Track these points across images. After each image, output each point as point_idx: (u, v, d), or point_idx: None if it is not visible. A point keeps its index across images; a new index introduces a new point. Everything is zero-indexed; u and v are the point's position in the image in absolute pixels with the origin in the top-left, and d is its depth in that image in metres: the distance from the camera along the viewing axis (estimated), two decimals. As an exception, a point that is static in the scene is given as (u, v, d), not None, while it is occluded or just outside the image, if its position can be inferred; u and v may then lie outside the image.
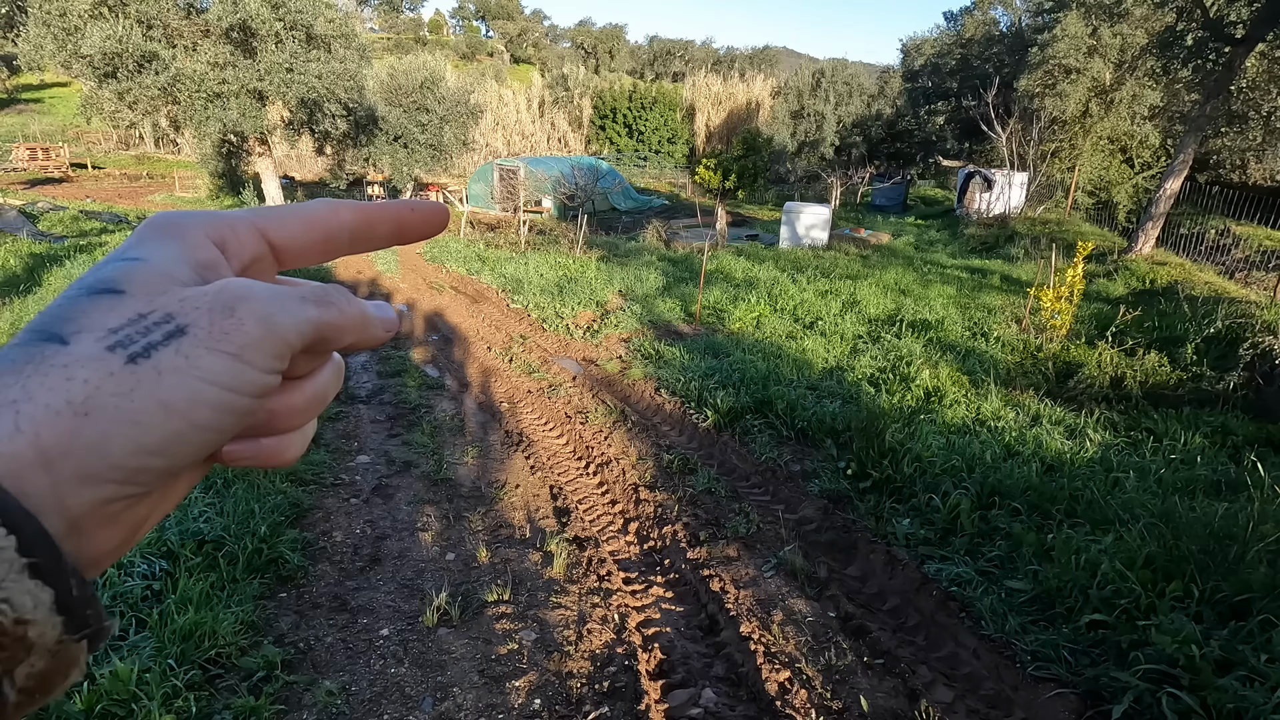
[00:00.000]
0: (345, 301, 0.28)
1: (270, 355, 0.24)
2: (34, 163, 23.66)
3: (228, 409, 0.24)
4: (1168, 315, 8.62)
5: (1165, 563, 3.29)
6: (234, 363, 0.24)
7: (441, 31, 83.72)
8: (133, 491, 0.23)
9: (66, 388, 0.21)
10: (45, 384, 0.21)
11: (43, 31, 13.94)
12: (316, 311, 0.26)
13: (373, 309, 0.29)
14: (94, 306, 0.23)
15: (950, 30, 31.60)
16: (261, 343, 0.24)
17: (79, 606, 0.20)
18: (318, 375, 0.29)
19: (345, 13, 17.42)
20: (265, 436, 0.27)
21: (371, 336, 0.29)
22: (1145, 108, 16.74)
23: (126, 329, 0.23)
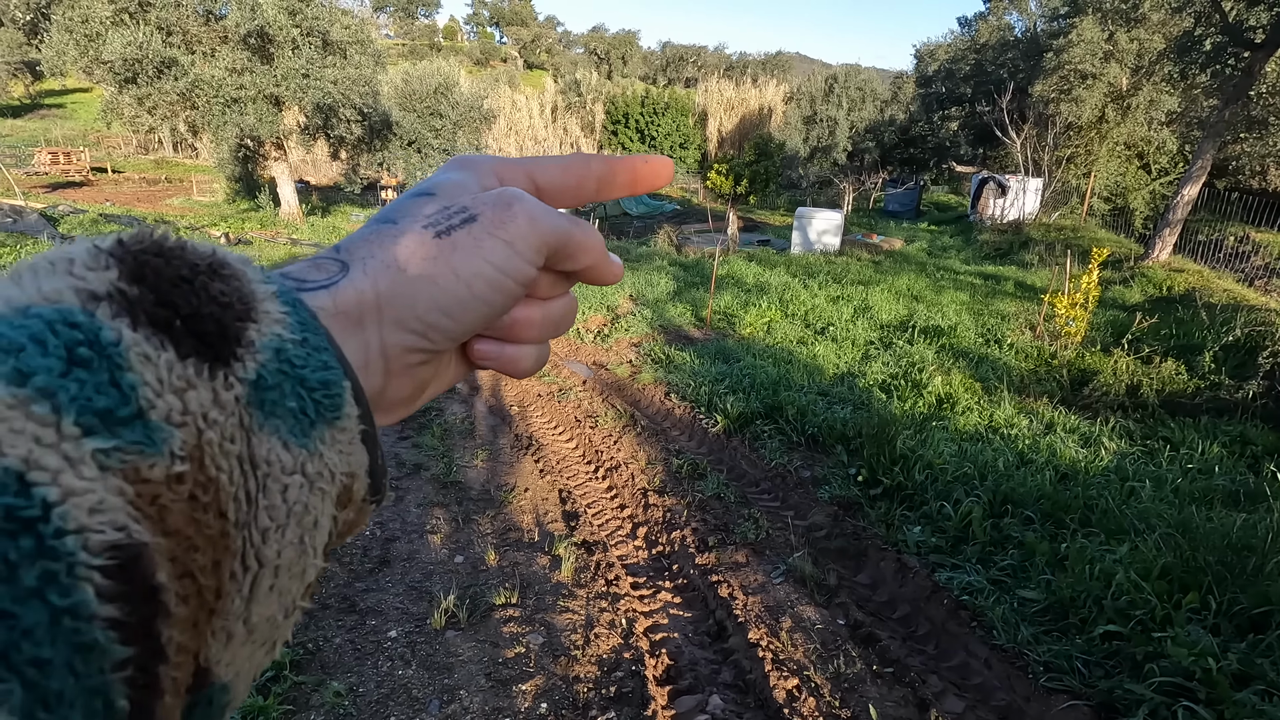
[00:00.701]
0: (592, 231, 0.34)
1: (532, 248, 0.30)
2: (55, 167, 24.06)
3: (497, 286, 0.30)
4: (1185, 323, 8.51)
5: (1182, 574, 3.23)
6: (506, 248, 0.30)
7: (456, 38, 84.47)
8: (427, 345, 0.29)
9: (395, 249, 0.28)
10: (382, 246, 0.29)
11: (65, 38, 14.19)
12: (569, 225, 0.32)
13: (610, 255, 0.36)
14: (415, 204, 0.31)
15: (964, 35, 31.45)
16: (528, 235, 0.30)
17: (379, 474, 0.26)
18: (556, 300, 0.35)
19: (361, 19, 17.62)
20: (509, 343, 0.33)
21: (607, 269, 0.35)
22: (1162, 113, 16.57)
23: (436, 215, 0.30)
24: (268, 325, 0.22)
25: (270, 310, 0.23)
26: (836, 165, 26.88)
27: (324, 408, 0.23)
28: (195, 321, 0.21)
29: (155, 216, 16.29)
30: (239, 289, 0.22)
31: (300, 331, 0.23)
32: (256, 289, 0.23)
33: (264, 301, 0.23)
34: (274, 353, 0.22)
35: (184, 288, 0.21)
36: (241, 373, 0.21)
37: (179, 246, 0.22)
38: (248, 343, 0.22)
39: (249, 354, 0.22)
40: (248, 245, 13.73)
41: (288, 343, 0.23)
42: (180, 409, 0.19)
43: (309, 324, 0.24)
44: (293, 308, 0.24)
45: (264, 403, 0.21)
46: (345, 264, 0.28)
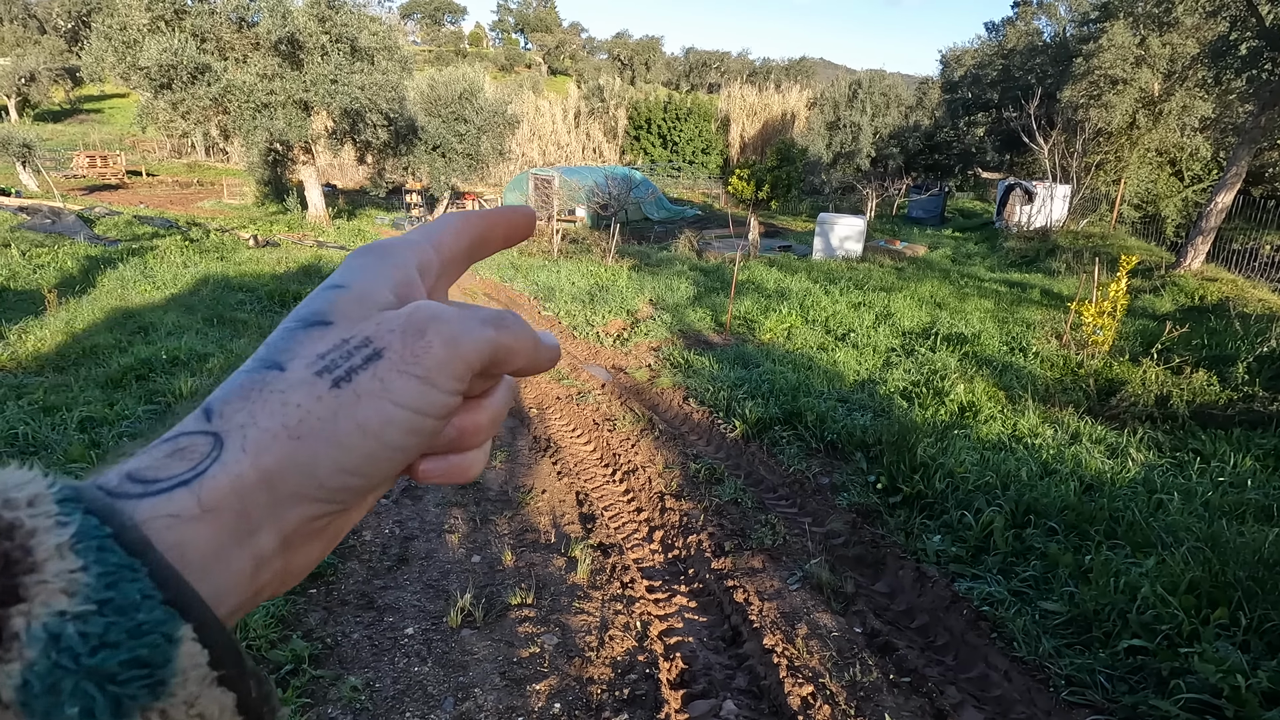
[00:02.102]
0: (519, 325, 0.29)
1: (453, 377, 0.26)
2: (93, 170, 24.74)
3: (415, 430, 0.25)
4: (1218, 333, 8.31)
5: (1210, 588, 3.15)
6: (422, 385, 0.25)
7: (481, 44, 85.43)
8: (335, 509, 0.25)
9: (283, 413, 0.24)
10: (266, 409, 0.24)
11: (104, 45, 14.61)
12: (495, 333, 0.28)
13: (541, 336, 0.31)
14: (307, 336, 0.26)
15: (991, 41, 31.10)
16: (446, 364, 0.26)
17: (257, 705, 0.22)
18: (495, 394, 0.31)
19: (389, 26, 17.90)
20: (453, 454, 0.29)
21: (540, 361, 0.30)
22: (1196, 119, 16.24)
23: (332, 354, 0.25)
24: (42, 603, 0.18)
25: (49, 577, 0.18)
26: (860, 171, 26.69)
27: (128, 699, 0.18)
28: None
29: (187, 218, 16.67)
30: (6, 554, 0.18)
31: (101, 591, 0.19)
32: (37, 545, 0.18)
33: (44, 565, 0.18)
34: (46, 644, 0.18)
35: None
36: (3, 677, 0.17)
37: None
38: (10, 638, 0.17)
39: (10, 654, 0.17)
40: (275, 247, 13.98)
41: (70, 621, 0.18)
42: None
43: (119, 571, 0.19)
44: (98, 554, 0.19)
45: (35, 711, 0.17)
46: (218, 438, 0.23)
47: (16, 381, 5.55)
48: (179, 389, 5.43)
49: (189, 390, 5.43)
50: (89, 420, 4.85)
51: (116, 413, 5.01)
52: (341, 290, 0.27)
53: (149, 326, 7.32)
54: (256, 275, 10.61)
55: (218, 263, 11.37)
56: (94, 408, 5.01)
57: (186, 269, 10.61)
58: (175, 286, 9.39)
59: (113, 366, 5.93)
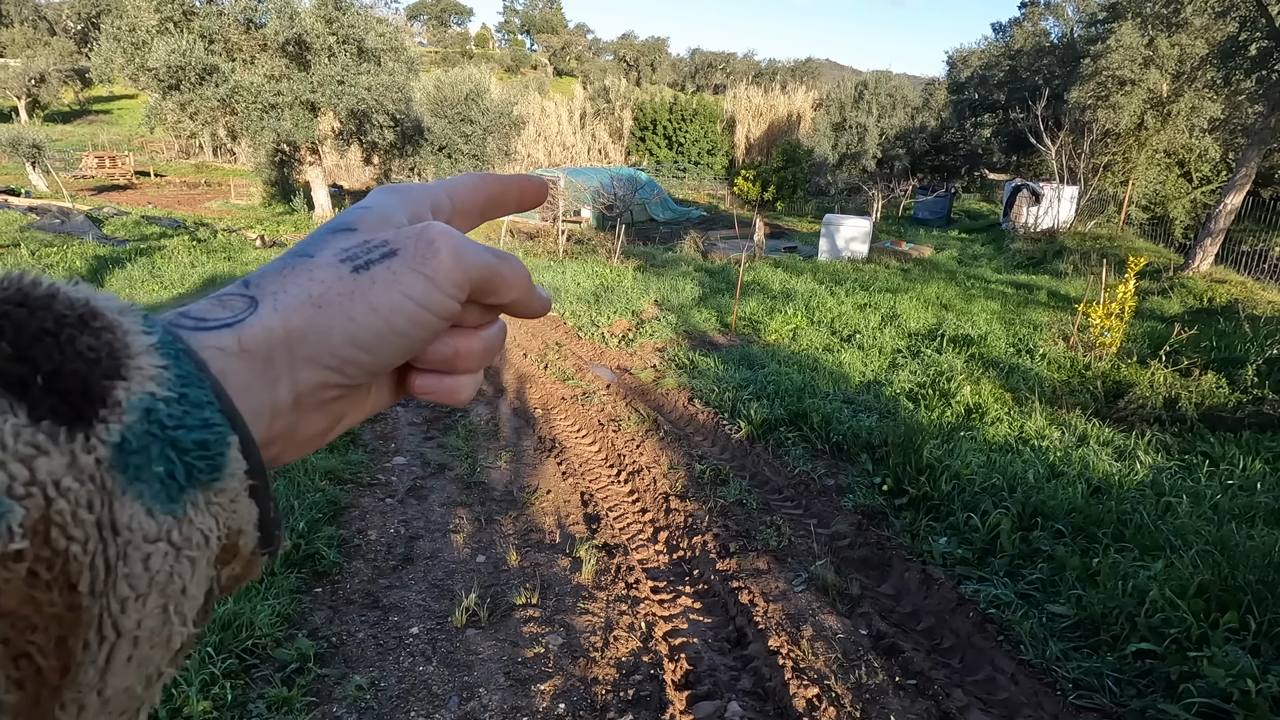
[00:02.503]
0: (517, 263, 0.33)
1: (454, 283, 0.30)
2: (101, 170, 24.90)
3: (417, 321, 0.29)
4: (1227, 335, 8.26)
5: (1220, 592, 3.13)
6: (427, 283, 0.29)
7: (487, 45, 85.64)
8: (342, 380, 0.28)
9: (309, 285, 0.28)
10: (295, 280, 0.28)
11: (113, 46, 14.70)
12: (495, 260, 0.31)
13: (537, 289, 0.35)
14: (334, 237, 0.30)
15: (998, 42, 31.00)
16: (450, 270, 0.29)
17: (271, 526, 0.25)
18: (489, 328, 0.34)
19: (395, 27, 17.96)
20: (447, 375, 0.33)
21: (532, 302, 0.34)
22: (1205, 120, 16.15)
23: (354, 249, 0.29)
24: (139, 383, 0.21)
25: (144, 366, 0.21)
26: (865, 172, 26.65)
27: (197, 470, 0.22)
28: (56, 380, 0.19)
29: (194, 219, 16.75)
30: (110, 343, 0.21)
31: (179, 387, 0.22)
32: (132, 342, 0.22)
33: (138, 356, 0.22)
34: (143, 413, 0.21)
35: (46, 342, 0.20)
36: (104, 435, 0.20)
37: (47, 295, 0.21)
38: (113, 403, 0.20)
39: (113, 415, 0.20)
40: (282, 247, 14.04)
41: (160, 401, 0.21)
42: (26, 478, 0.18)
43: (190, 377, 0.23)
44: (175, 359, 0.22)
45: (128, 467, 0.20)
46: (254, 300, 0.27)
47: (25, 380, 5.58)
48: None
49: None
50: (97, 419, 4.87)
51: (124, 411, 5.03)
52: (366, 210, 0.32)
53: (156, 326, 7.35)
54: (263, 275, 10.65)
55: (225, 263, 11.42)
56: (102, 406, 5.03)
57: (194, 269, 10.66)
58: (183, 286, 9.43)
59: (120, 365, 5.96)
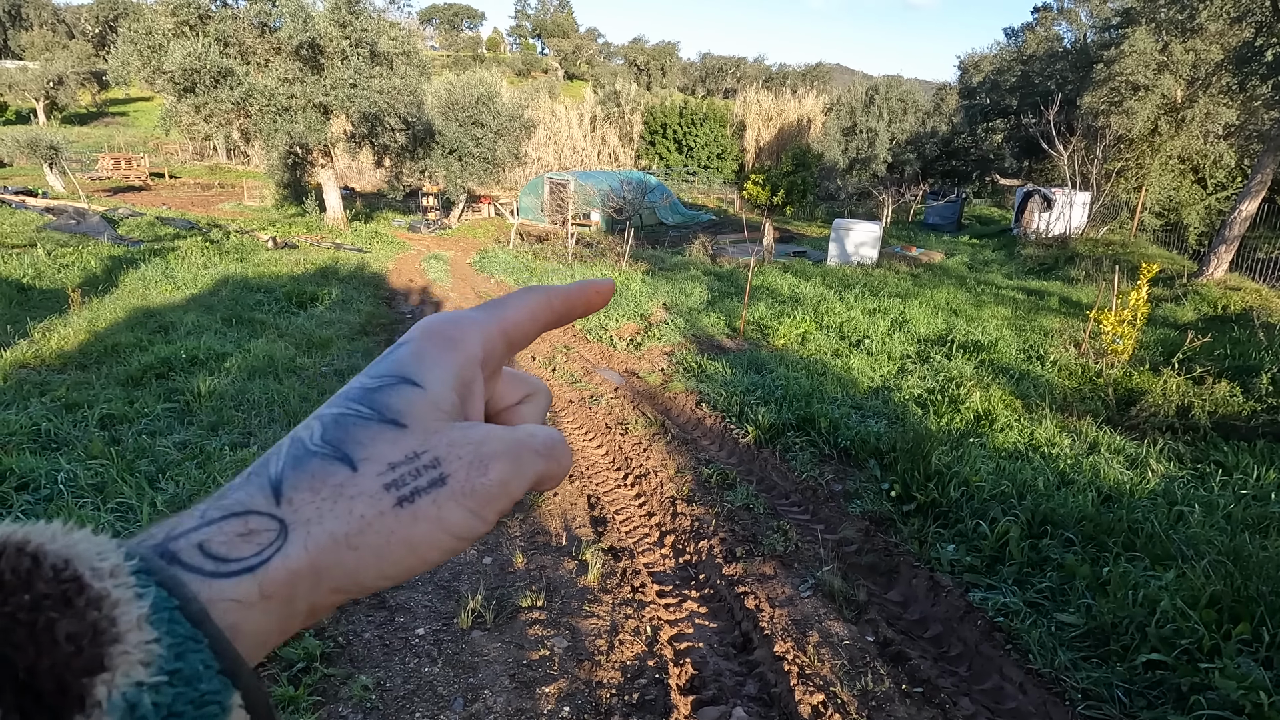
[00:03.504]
0: (565, 456, 0.31)
1: (496, 511, 0.28)
2: (117, 172, 25.18)
3: (450, 550, 0.27)
4: (1241, 343, 8.17)
5: (1232, 603, 3.09)
6: (471, 517, 0.27)
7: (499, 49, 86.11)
8: (361, 595, 0.27)
9: (347, 520, 0.25)
10: (333, 511, 0.25)
11: (130, 49, 14.88)
12: (544, 468, 0.30)
13: None
14: (381, 435, 0.27)
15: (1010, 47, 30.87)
16: (497, 500, 0.28)
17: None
18: None
19: (408, 31, 18.09)
20: None
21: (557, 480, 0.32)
22: (1220, 126, 16.01)
23: (402, 468, 0.27)
24: (124, 672, 0.19)
25: (131, 648, 0.19)
26: (876, 177, 26.56)
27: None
28: (32, 679, 0.18)
29: (208, 220, 16.91)
30: (94, 624, 0.19)
31: (172, 662, 0.20)
32: (119, 616, 0.20)
33: (126, 635, 0.19)
34: (124, 713, 0.19)
35: (21, 634, 0.18)
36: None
37: (26, 572, 0.19)
38: (91, 705, 0.18)
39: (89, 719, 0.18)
40: (294, 249, 14.15)
41: (146, 691, 0.19)
42: None
43: (185, 643, 0.21)
44: (168, 625, 0.20)
45: None
46: (284, 526, 0.25)
47: (40, 378, 5.65)
48: (198, 388, 5.50)
49: (207, 389, 5.50)
50: (109, 418, 4.92)
51: (136, 410, 5.08)
52: (418, 392, 0.28)
53: (169, 326, 7.42)
54: (275, 276, 10.74)
55: (237, 264, 11.52)
56: (114, 405, 5.08)
57: (207, 270, 10.76)
58: (195, 287, 9.52)
59: (133, 365, 6.02)
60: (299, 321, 8.34)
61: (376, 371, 0.29)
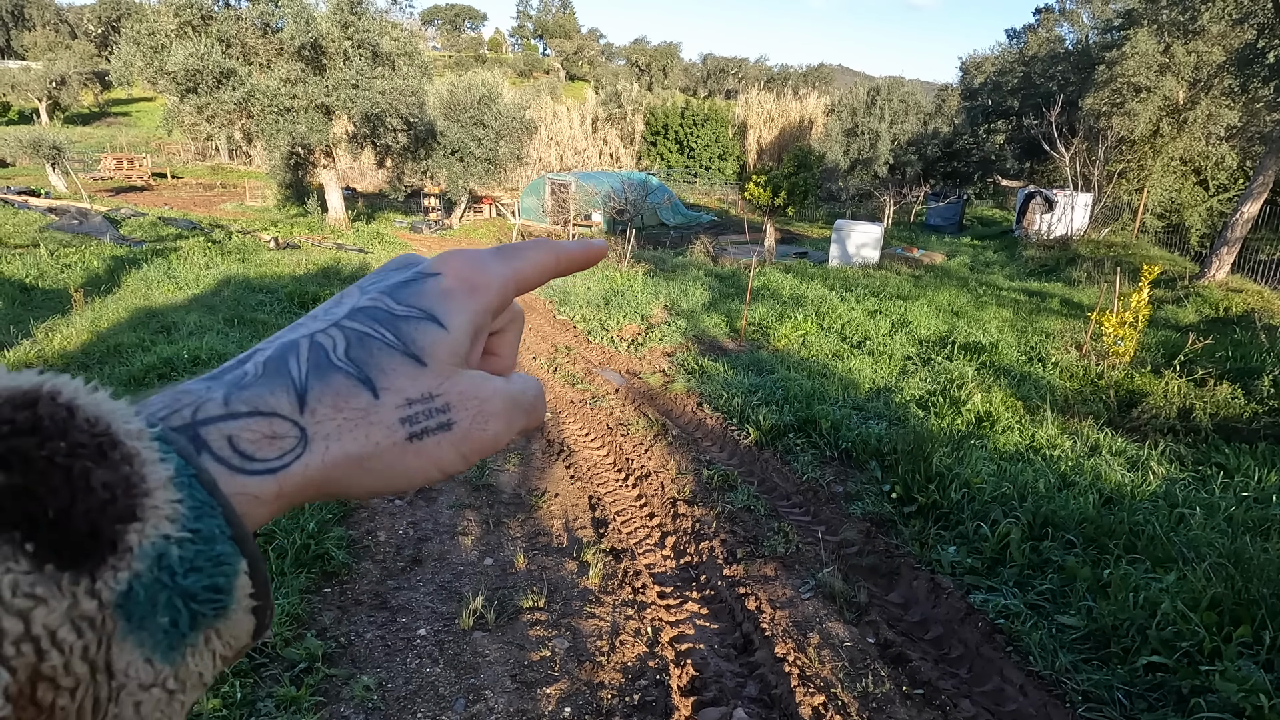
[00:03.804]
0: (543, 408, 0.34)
1: (482, 455, 0.31)
2: (119, 172, 25.22)
3: (432, 482, 0.30)
4: (1243, 345, 8.16)
5: (1233, 605, 3.10)
6: (461, 461, 0.30)
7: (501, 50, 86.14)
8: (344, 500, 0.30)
9: (363, 444, 0.27)
10: (352, 432, 0.27)
11: (133, 49, 14.90)
12: (526, 422, 0.33)
13: None
14: (403, 370, 0.29)
15: (1012, 48, 30.84)
16: (486, 450, 0.30)
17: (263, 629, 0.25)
18: None
19: (410, 32, 18.11)
20: None
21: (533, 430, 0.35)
22: (1221, 128, 15.99)
23: (418, 406, 0.28)
24: (153, 524, 0.20)
25: (160, 504, 0.20)
26: (877, 178, 26.55)
27: (201, 616, 0.21)
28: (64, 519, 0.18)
29: (210, 220, 16.94)
30: (126, 477, 0.20)
31: (192, 522, 0.21)
32: (149, 474, 0.21)
33: (155, 492, 0.21)
34: (153, 561, 0.20)
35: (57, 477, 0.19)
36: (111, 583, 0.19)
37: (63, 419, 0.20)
38: (124, 549, 0.19)
39: (122, 563, 0.19)
40: (296, 249, 14.17)
41: (173, 544, 0.20)
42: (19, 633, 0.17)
43: (203, 507, 0.22)
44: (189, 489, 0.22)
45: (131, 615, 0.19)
46: (305, 435, 0.26)
47: (43, 379, 5.66)
48: (200, 388, 5.50)
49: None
50: (112, 418, 4.93)
51: (139, 411, 5.09)
52: (442, 333, 0.30)
53: (171, 326, 7.44)
54: (277, 277, 10.76)
55: (239, 264, 11.54)
56: (117, 405, 5.09)
57: (209, 270, 10.78)
58: (197, 287, 9.54)
59: (136, 365, 6.03)
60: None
61: (404, 298, 0.30)
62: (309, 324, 0.30)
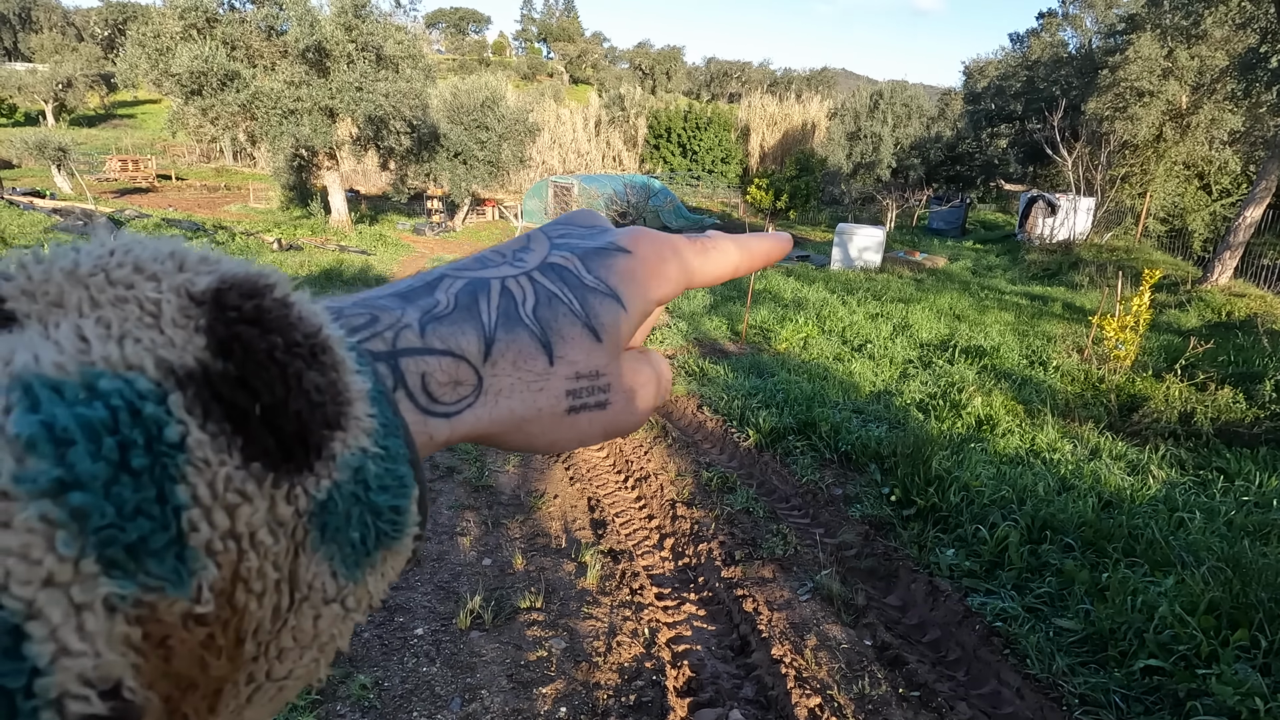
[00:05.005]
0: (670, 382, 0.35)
1: (617, 436, 0.32)
2: (124, 173, 25.33)
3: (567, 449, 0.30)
4: (1245, 349, 8.15)
5: (1231, 609, 3.09)
6: (603, 437, 0.31)
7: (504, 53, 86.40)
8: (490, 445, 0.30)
9: (528, 405, 0.28)
10: (522, 395, 0.27)
11: (138, 52, 14.99)
12: (658, 404, 0.33)
13: None
14: (580, 341, 0.29)
15: (1015, 52, 30.87)
16: (624, 432, 0.31)
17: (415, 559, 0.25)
18: None
19: (414, 35, 18.19)
20: None
21: None
22: (1224, 132, 15.99)
23: (583, 382, 0.29)
24: (354, 436, 0.20)
25: (360, 417, 0.20)
26: (880, 182, 26.57)
27: (385, 535, 0.21)
28: (275, 416, 0.18)
29: (214, 222, 17.00)
30: (335, 384, 0.20)
31: (383, 439, 0.21)
32: (353, 384, 0.20)
33: (357, 403, 0.20)
34: (352, 472, 0.20)
35: (272, 371, 0.18)
36: (313, 489, 0.19)
37: (282, 314, 0.19)
38: (328, 456, 0.19)
39: (325, 470, 0.19)
40: (299, 251, 14.21)
41: (370, 459, 0.20)
42: (226, 529, 0.17)
43: (391, 425, 0.22)
44: (380, 406, 0.21)
45: (326, 526, 0.19)
46: (482, 386, 0.26)
47: (45, 378, 5.69)
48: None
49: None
50: (114, 417, 4.95)
51: (140, 410, 5.11)
52: (622, 314, 0.30)
53: (174, 327, 7.46)
54: (279, 278, 10.77)
55: (242, 265, 11.56)
56: (119, 405, 5.11)
57: (212, 271, 10.80)
58: (200, 288, 9.56)
59: (138, 365, 6.05)
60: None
61: (594, 268, 0.30)
62: (498, 264, 0.30)
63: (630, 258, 0.31)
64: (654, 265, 0.32)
